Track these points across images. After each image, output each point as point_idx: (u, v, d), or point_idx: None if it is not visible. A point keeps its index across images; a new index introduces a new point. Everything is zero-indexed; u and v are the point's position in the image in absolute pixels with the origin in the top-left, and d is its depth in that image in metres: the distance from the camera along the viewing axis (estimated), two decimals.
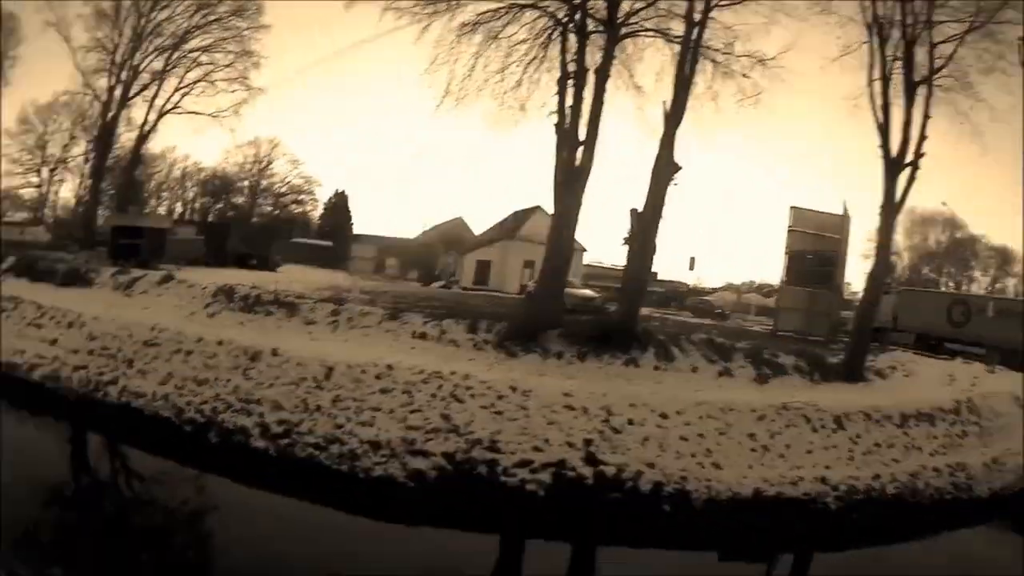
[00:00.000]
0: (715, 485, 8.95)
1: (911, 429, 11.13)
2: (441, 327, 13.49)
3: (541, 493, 8.60)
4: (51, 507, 7.97)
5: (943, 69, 14.47)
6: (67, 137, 43.34)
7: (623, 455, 9.11)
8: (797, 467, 9.64)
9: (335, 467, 9.21)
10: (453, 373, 10.55)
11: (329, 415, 9.90)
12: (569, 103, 14.42)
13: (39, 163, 44.17)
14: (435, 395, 10.09)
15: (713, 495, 8.85)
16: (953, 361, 17.42)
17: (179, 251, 24.73)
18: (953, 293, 34.23)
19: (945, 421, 11.74)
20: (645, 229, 13.85)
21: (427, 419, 9.63)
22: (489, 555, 7.99)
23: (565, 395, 10.05)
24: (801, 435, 10.23)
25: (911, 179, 14.41)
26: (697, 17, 14.18)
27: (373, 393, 10.21)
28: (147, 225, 27.12)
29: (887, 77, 14.48)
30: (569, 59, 14.81)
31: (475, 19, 15.35)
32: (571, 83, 14.61)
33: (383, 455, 9.11)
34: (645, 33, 15.65)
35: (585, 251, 35.63)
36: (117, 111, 32.64)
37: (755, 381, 12.71)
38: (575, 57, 14.72)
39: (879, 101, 14.45)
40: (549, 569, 7.87)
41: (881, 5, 14.63)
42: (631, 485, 8.76)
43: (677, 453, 9.35)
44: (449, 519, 8.38)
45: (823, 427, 10.49)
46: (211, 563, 7.22)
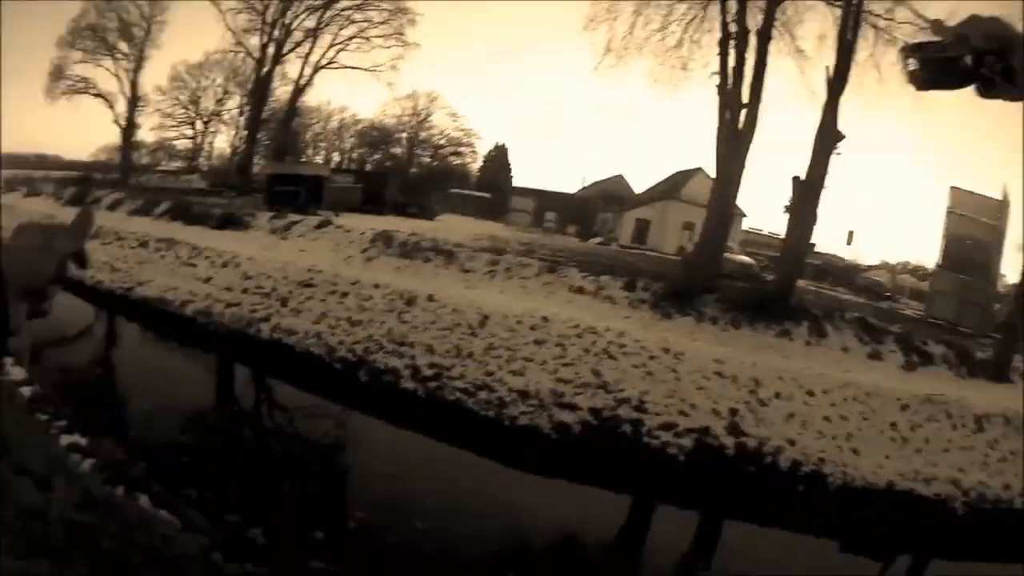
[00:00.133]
0: (850, 471, 8.65)
1: None
2: (599, 283, 13.49)
3: (681, 458, 8.63)
4: (192, 432, 8.41)
5: None
6: (220, 92, 46.32)
7: (766, 429, 8.98)
8: (932, 464, 9.11)
9: (481, 413, 9.48)
10: (608, 330, 10.65)
11: (481, 362, 10.22)
12: (731, 65, 14.05)
13: (193, 116, 47.35)
14: (588, 350, 10.20)
15: (847, 481, 8.56)
16: None
17: (336, 198, 24.95)
18: None
19: None
20: (806, 198, 13.41)
21: (578, 373, 9.77)
22: (618, 515, 8.03)
23: (716, 361, 9.97)
24: (941, 431, 9.66)
25: None
26: None
27: (527, 343, 10.45)
28: (304, 173, 28.00)
29: None
30: (729, 20, 14.39)
31: None
32: (732, 45, 14.25)
33: (531, 405, 9.35)
34: None
35: (745, 217, 34.13)
36: (271, 67, 34.70)
37: (903, 368, 12.12)
38: (735, 18, 14.28)
39: None
40: (674, 536, 7.79)
41: None
42: (770, 461, 8.63)
43: (819, 433, 9.12)
44: (587, 475, 8.42)
45: (963, 426, 9.82)
46: (347, 496, 7.45)
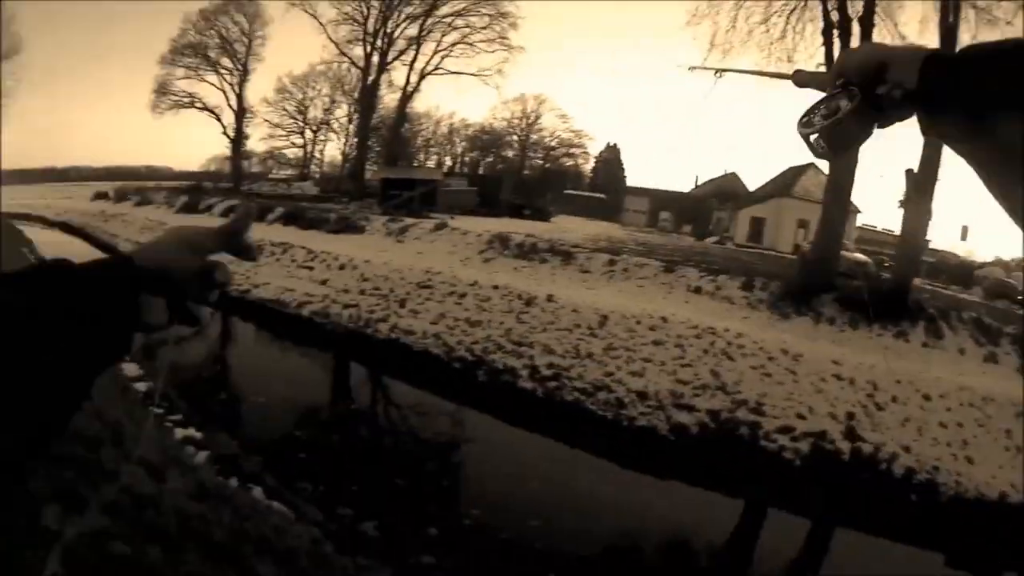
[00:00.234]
0: (964, 481, 8.33)
1: None
2: (716, 283, 13.51)
3: (797, 463, 8.57)
4: (307, 427, 8.64)
5: None
6: (327, 101, 48.59)
7: (882, 434, 8.89)
8: None
9: (599, 413, 9.63)
10: (727, 330, 10.77)
11: (600, 362, 10.49)
12: (836, 55, 13.91)
13: (302, 126, 49.69)
14: (707, 351, 10.37)
15: (961, 491, 8.24)
16: None
17: (451, 201, 25.65)
18: None
19: None
20: (920, 191, 13.21)
21: (696, 374, 9.94)
22: (730, 519, 7.96)
23: (834, 363, 9.95)
24: None
25: None
26: None
27: (645, 344, 10.69)
28: (418, 177, 28.88)
29: None
30: (831, 8, 14.23)
31: None
32: (836, 34, 14.07)
33: (649, 406, 9.50)
34: None
35: (859, 213, 33.41)
36: (377, 75, 36.24)
37: (1019, 371, 11.87)
38: (836, 5, 14.10)
39: None
40: (784, 542, 7.63)
41: None
42: (884, 467, 8.48)
43: (934, 440, 8.91)
44: (702, 477, 8.43)
45: None
46: (460, 493, 7.51)
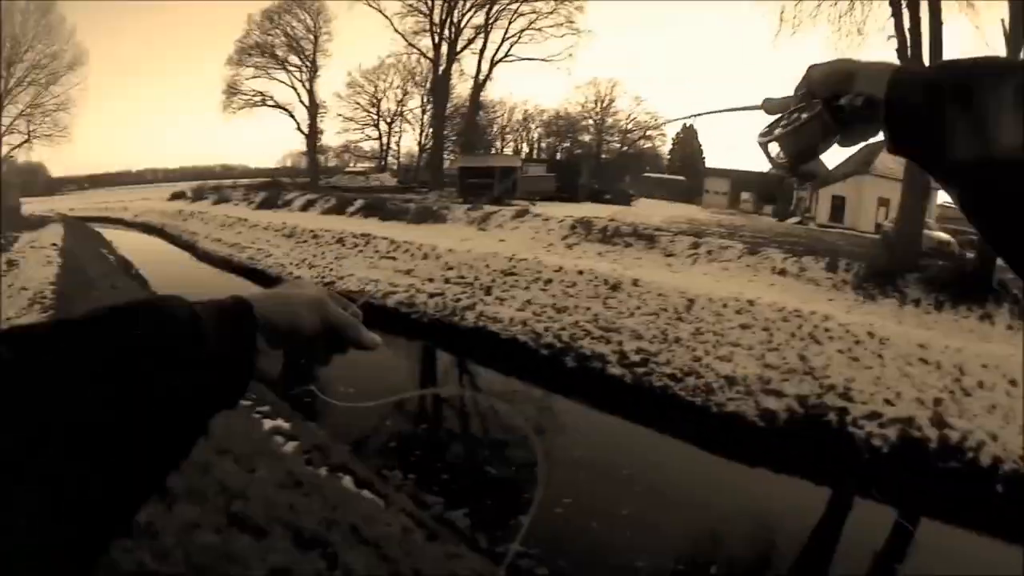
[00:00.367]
0: None
1: None
2: (800, 264, 13.26)
3: (885, 450, 8.25)
4: (396, 417, 8.64)
5: None
6: (400, 93, 49.26)
7: (969, 421, 8.41)
8: None
9: (688, 399, 9.54)
10: (813, 313, 10.51)
11: (688, 347, 10.41)
12: (907, 26, 13.22)
13: (376, 118, 50.46)
14: (794, 334, 10.15)
15: None
16: None
17: (530, 188, 25.77)
18: None
19: None
20: None
21: (784, 359, 9.73)
22: (815, 508, 7.73)
23: (920, 346, 9.58)
24: None
25: None
26: None
27: (733, 328, 10.55)
28: (496, 164, 29.25)
29: None
30: None
31: None
32: (905, 5, 13.35)
33: (738, 391, 9.34)
34: None
35: (939, 190, 32.31)
36: (447, 65, 36.70)
37: None
38: None
39: None
40: (868, 533, 7.33)
41: None
42: (971, 456, 7.99)
43: (1021, 428, 8.22)
44: (790, 464, 8.24)
45: None
46: (548, 481, 8.12)
